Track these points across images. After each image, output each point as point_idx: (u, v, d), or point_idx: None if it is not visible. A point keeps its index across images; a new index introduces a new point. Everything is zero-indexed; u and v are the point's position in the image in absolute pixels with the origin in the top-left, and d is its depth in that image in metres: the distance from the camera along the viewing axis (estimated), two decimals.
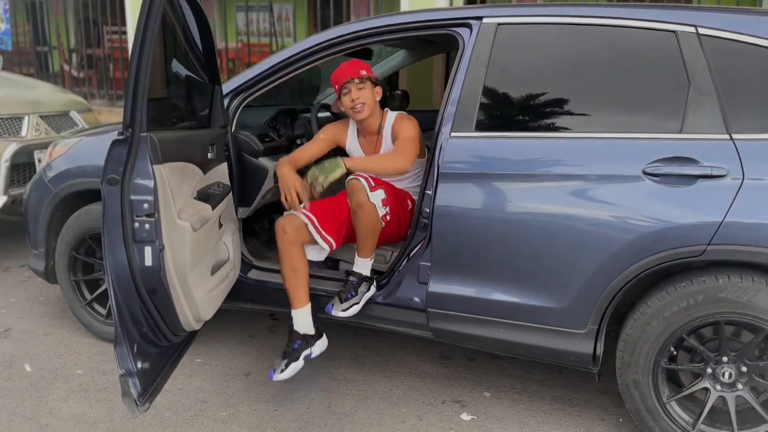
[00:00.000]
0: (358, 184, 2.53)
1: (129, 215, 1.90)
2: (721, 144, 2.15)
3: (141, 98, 1.87)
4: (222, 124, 2.68)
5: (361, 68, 2.72)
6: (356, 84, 2.68)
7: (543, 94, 2.41)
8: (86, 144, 3.15)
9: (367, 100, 2.71)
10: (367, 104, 2.71)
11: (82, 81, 9.18)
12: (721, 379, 2.25)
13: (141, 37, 1.86)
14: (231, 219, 2.71)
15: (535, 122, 2.42)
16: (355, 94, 2.68)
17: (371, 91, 2.73)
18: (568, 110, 2.39)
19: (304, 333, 2.57)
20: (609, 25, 2.34)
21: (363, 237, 2.61)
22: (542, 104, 2.41)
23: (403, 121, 2.74)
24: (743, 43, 2.18)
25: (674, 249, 2.16)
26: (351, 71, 2.70)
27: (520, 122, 2.45)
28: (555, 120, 2.39)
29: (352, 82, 2.68)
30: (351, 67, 2.72)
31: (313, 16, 8.22)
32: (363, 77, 2.70)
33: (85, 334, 3.23)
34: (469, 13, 2.53)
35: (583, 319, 2.33)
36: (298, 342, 2.55)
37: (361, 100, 2.69)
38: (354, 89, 2.68)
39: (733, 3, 6.08)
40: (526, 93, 2.44)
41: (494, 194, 2.39)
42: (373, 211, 2.53)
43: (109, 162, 1.89)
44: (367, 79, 2.71)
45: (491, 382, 2.85)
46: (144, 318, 2.01)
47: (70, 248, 3.12)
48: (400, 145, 2.66)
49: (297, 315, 2.58)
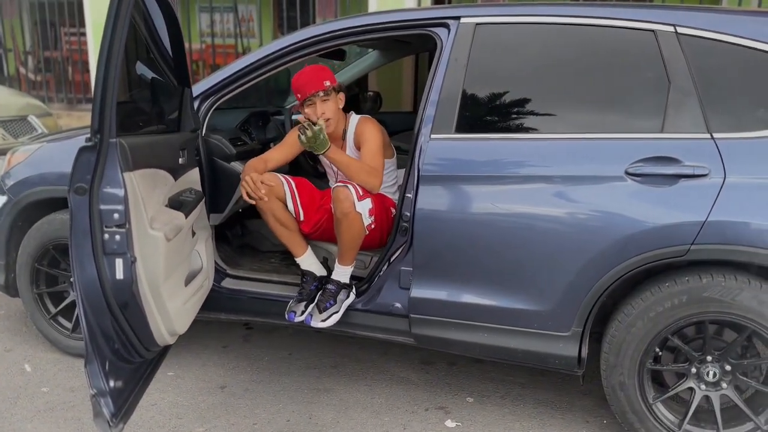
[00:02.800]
0: (345, 192, 2.46)
1: (98, 226, 1.79)
2: (703, 143, 2.15)
3: (110, 102, 1.77)
4: (192, 127, 2.57)
5: (324, 78, 2.59)
6: (321, 97, 2.58)
7: (524, 95, 2.38)
8: (47, 150, 3.00)
9: (332, 113, 2.62)
10: (333, 118, 2.62)
11: (40, 84, 8.90)
12: (705, 378, 2.25)
13: (110, 38, 1.75)
14: (203, 226, 2.61)
15: (517, 123, 2.38)
16: (320, 109, 2.58)
17: (335, 101, 2.64)
18: (550, 111, 2.37)
19: (320, 275, 2.71)
20: (588, 25, 2.32)
21: (346, 246, 2.54)
22: (523, 105, 2.38)
23: (366, 127, 2.66)
24: (722, 42, 2.18)
25: (658, 249, 2.15)
26: (315, 83, 2.57)
27: (501, 123, 2.41)
28: (537, 121, 2.36)
29: (316, 96, 2.57)
30: (314, 78, 2.58)
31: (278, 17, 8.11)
32: (327, 89, 2.59)
33: (49, 349, 3.09)
34: (447, 12, 2.49)
35: (567, 321, 2.31)
36: (314, 284, 2.68)
37: (326, 115, 2.59)
38: (318, 102, 2.58)
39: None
40: (506, 94, 2.40)
41: (476, 196, 2.35)
42: (359, 221, 2.48)
43: (77, 170, 1.78)
44: (331, 90, 2.61)
45: (473, 387, 2.81)
46: (116, 334, 1.91)
47: (32, 260, 2.98)
48: (370, 160, 2.57)
49: (302, 261, 2.73)
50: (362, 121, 2.71)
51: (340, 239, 2.54)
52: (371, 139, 2.61)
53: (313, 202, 2.71)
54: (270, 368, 2.95)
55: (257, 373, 2.90)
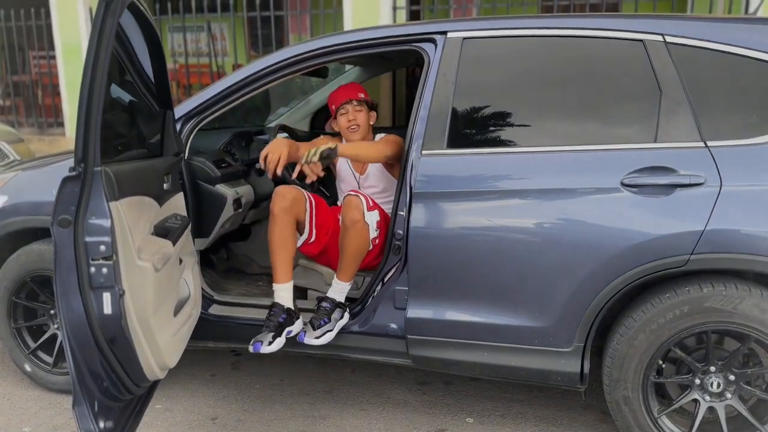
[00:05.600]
0: (356, 201, 2.47)
1: (84, 259, 1.70)
2: (697, 152, 2.13)
3: (94, 129, 1.68)
4: (175, 151, 2.49)
5: (360, 91, 2.82)
6: (354, 105, 2.78)
7: (515, 108, 2.35)
8: (21, 179, 2.88)
9: (362, 122, 2.80)
10: (362, 126, 2.80)
11: (8, 109, 8.70)
12: (709, 389, 2.22)
13: (93, 62, 1.66)
14: (190, 252, 2.52)
15: (509, 137, 2.35)
16: (352, 115, 2.78)
17: (366, 114, 2.83)
18: (542, 124, 2.34)
19: (288, 307, 2.53)
20: (577, 36, 2.30)
21: (348, 257, 2.50)
22: (515, 119, 2.35)
23: (390, 136, 2.75)
24: (711, 50, 2.18)
25: (658, 260, 2.13)
26: (350, 92, 2.79)
27: (493, 138, 2.37)
28: (530, 134, 2.33)
29: (350, 103, 2.78)
30: (350, 89, 2.82)
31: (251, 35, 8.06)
32: (361, 100, 2.79)
33: (29, 386, 2.95)
34: (433, 27, 2.45)
35: (568, 337, 2.27)
36: (283, 316, 2.50)
37: (356, 122, 2.78)
38: (351, 110, 2.78)
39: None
40: (497, 108, 2.37)
41: (471, 212, 2.30)
42: (366, 231, 2.47)
43: (60, 201, 1.69)
44: (364, 102, 2.81)
45: (473, 407, 2.75)
46: (104, 371, 1.81)
47: (9, 293, 2.85)
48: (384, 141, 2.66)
49: (280, 289, 2.54)
50: (387, 135, 2.80)
51: (345, 250, 2.50)
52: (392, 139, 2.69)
53: (326, 224, 2.70)
54: (262, 396, 2.85)
55: (249, 402, 2.81)
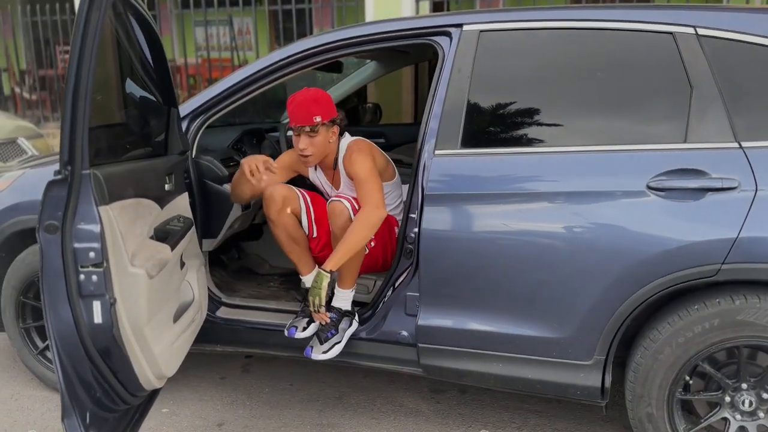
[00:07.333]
0: (339, 207, 2.34)
1: (72, 266, 1.63)
2: (730, 153, 1.98)
3: (81, 130, 1.60)
4: (180, 149, 2.41)
5: (314, 114, 2.36)
6: (307, 132, 2.39)
7: (534, 105, 2.21)
8: (30, 177, 2.84)
9: (317, 150, 2.43)
10: (315, 154, 2.44)
11: (35, 103, 8.78)
12: (740, 407, 2.07)
13: (77, 58, 1.58)
14: (194, 255, 2.44)
15: (527, 136, 2.21)
16: (303, 144, 2.41)
17: (324, 136, 2.43)
18: (563, 122, 2.20)
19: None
20: (601, 29, 2.16)
21: (344, 266, 2.37)
22: (534, 117, 2.21)
23: (352, 158, 2.43)
24: (746, 43, 2.02)
25: (686, 270, 1.98)
26: (303, 117, 2.36)
27: (509, 137, 2.24)
28: (549, 133, 2.20)
29: (302, 130, 2.39)
30: (304, 111, 2.37)
31: (275, 29, 7.98)
32: (316, 125, 2.37)
33: (37, 386, 2.92)
34: (448, 20, 2.33)
35: (588, 349, 2.13)
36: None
37: (308, 151, 2.42)
38: (304, 137, 2.40)
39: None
40: (515, 105, 2.23)
41: (485, 216, 2.18)
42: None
43: (46, 206, 1.62)
44: (320, 126, 2.39)
45: (488, 417, 2.63)
46: (96, 381, 1.74)
47: (17, 292, 2.82)
48: (361, 192, 2.36)
49: (308, 280, 2.57)
50: (349, 151, 2.48)
51: None
52: (359, 170, 2.38)
53: (326, 218, 2.52)
54: (270, 402, 2.77)
55: (257, 407, 2.73)
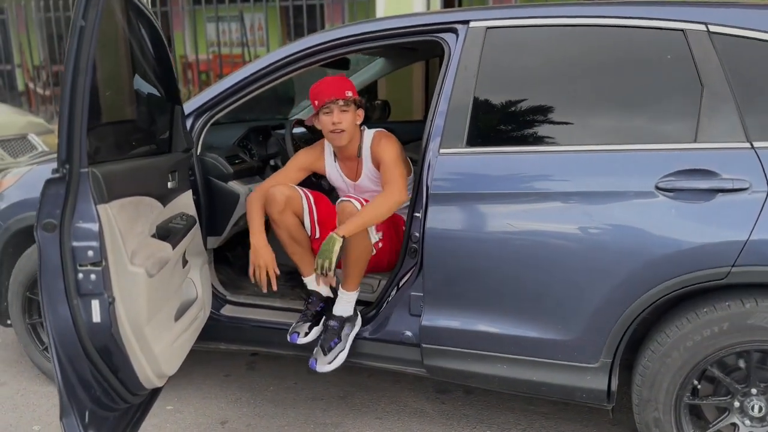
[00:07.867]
0: (350, 207, 2.31)
1: (71, 265, 1.62)
2: (742, 153, 1.93)
3: (79, 128, 1.60)
4: (184, 147, 2.40)
5: (347, 88, 2.41)
6: (340, 106, 2.39)
7: (541, 104, 2.18)
8: (37, 173, 2.85)
9: (348, 126, 2.42)
10: (348, 130, 2.43)
11: (49, 99, 8.82)
12: (750, 412, 2.03)
13: (74, 56, 1.57)
14: (198, 252, 2.44)
15: (534, 135, 2.18)
16: (337, 117, 2.40)
17: (353, 115, 2.45)
18: (570, 121, 2.16)
19: (327, 296, 2.54)
20: (610, 26, 2.11)
21: (350, 266, 2.36)
22: (541, 115, 2.17)
23: (381, 142, 2.46)
24: (759, 40, 1.97)
25: (695, 272, 1.94)
26: (336, 90, 2.39)
27: (516, 136, 2.20)
28: (556, 132, 2.16)
29: (335, 103, 2.39)
30: (336, 85, 2.41)
31: (286, 24, 7.96)
32: (348, 99, 2.40)
33: (44, 382, 2.93)
34: (455, 17, 2.29)
35: (595, 351, 2.10)
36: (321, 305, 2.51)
37: (342, 126, 2.40)
38: (336, 111, 2.40)
39: None
40: (521, 103, 2.20)
41: (491, 216, 2.15)
42: (365, 236, 2.32)
43: (44, 205, 1.61)
44: (351, 102, 2.42)
45: (493, 419, 2.60)
46: (95, 380, 1.73)
47: (24, 288, 2.83)
48: (388, 174, 2.37)
49: (310, 281, 2.56)
50: (378, 136, 2.50)
51: (346, 259, 2.36)
52: (388, 152, 2.41)
53: (330, 219, 2.52)
54: (275, 400, 2.76)
55: (260, 405, 2.72)
